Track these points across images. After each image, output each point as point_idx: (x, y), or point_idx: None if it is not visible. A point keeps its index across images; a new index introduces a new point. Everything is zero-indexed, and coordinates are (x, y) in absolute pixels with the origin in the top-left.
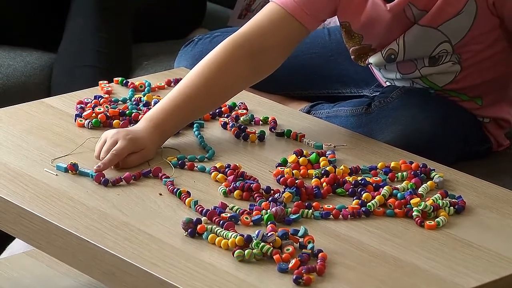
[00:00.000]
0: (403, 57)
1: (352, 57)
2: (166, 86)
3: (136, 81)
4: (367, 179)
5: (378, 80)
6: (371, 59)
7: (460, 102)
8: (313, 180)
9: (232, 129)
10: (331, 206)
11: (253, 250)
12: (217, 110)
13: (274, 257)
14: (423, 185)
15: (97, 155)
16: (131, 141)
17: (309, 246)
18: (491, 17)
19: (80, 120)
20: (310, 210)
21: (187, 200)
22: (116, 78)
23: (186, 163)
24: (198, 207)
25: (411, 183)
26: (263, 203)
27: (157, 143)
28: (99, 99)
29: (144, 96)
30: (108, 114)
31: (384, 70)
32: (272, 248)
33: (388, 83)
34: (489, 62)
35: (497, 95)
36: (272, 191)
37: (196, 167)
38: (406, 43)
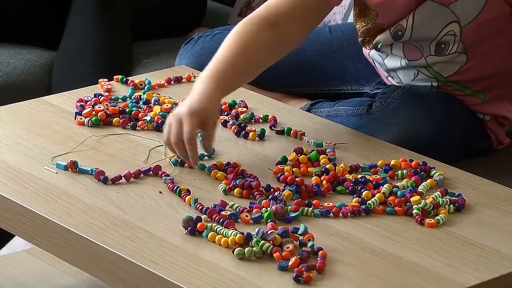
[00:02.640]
0: (410, 35)
1: (359, 39)
2: (166, 84)
3: (136, 79)
4: (367, 177)
5: (379, 76)
6: (379, 37)
7: (463, 97)
8: (313, 178)
9: (232, 127)
10: (331, 204)
11: (253, 248)
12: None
13: (274, 255)
14: (423, 183)
15: (167, 141)
16: (196, 116)
17: (309, 244)
18: (502, 4)
19: (80, 118)
20: (310, 208)
21: (187, 198)
22: (116, 76)
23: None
24: (198, 205)
25: (411, 181)
26: (263, 201)
27: (217, 99)
28: (99, 97)
29: (144, 94)
30: (108, 112)
31: (389, 58)
32: (272, 246)
33: (390, 78)
34: (495, 55)
35: (500, 91)
36: (272, 189)
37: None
38: (415, 20)
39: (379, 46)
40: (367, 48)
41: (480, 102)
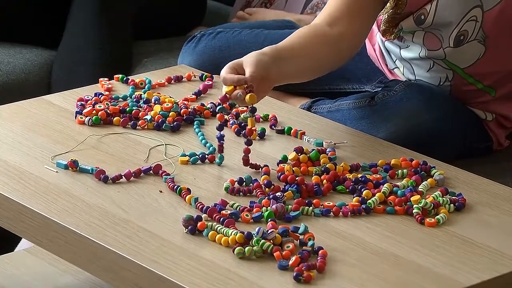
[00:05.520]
0: (432, 20)
1: (382, 28)
2: (166, 83)
3: (137, 78)
4: (368, 176)
5: (381, 74)
6: (402, 23)
7: (474, 92)
8: (313, 177)
9: (233, 127)
10: (331, 203)
11: (254, 247)
12: (217, 108)
13: (274, 254)
14: (423, 183)
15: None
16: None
17: (310, 243)
18: None
19: (81, 117)
20: (311, 207)
21: (187, 197)
22: (116, 75)
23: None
24: (198, 204)
25: (411, 181)
26: (263, 200)
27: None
28: (100, 96)
29: (144, 93)
30: (108, 111)
31: (407, 48)
32: (272, 245)
33: (396, 70)
34: None
35: (511, 89)
36: (272, 186)
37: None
38: (439, 3)
39: (400, 34)
40: (389, 37)
41: (489, 98)
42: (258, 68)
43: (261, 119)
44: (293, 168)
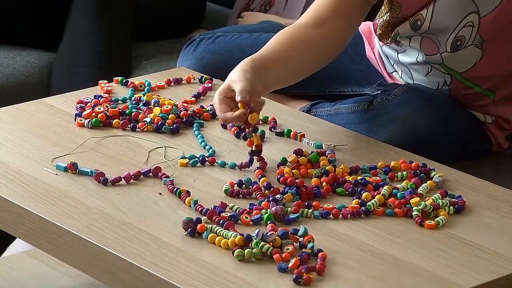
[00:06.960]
0: (429, 26)
1: (378, 32)
2: (166, 85)
3: (136, 80)
4: (367, 178)
5: (381, 76)
6: (398, 28)
7: (472, 95)
8: (313, 180)
9: (232, 129)
10: (331, 205)
11: (253, 250)
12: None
13: (274, 256)
14: (423, 185)
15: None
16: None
17: (309, 245)
18: None
19: (80, 120)
20: (310, 210)
21: (187, 200)
22: (116, 78)
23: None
24: (198, 207)
25: (411, 183)
26: (263, 203)
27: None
28: (99, 99)
29: (144, 96)
30: (108, 113)
31: (404, 53)
32: (272, 247)
33: (395, 74)
34: (510, 52)
35: (510, 92)
36: (272, 188)
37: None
38: (435, 10)
39: (397, 39)
40: (386, 41)
41: (488, 102)
42: (247, 82)
43: (260, 121)
44: (292, 171)
